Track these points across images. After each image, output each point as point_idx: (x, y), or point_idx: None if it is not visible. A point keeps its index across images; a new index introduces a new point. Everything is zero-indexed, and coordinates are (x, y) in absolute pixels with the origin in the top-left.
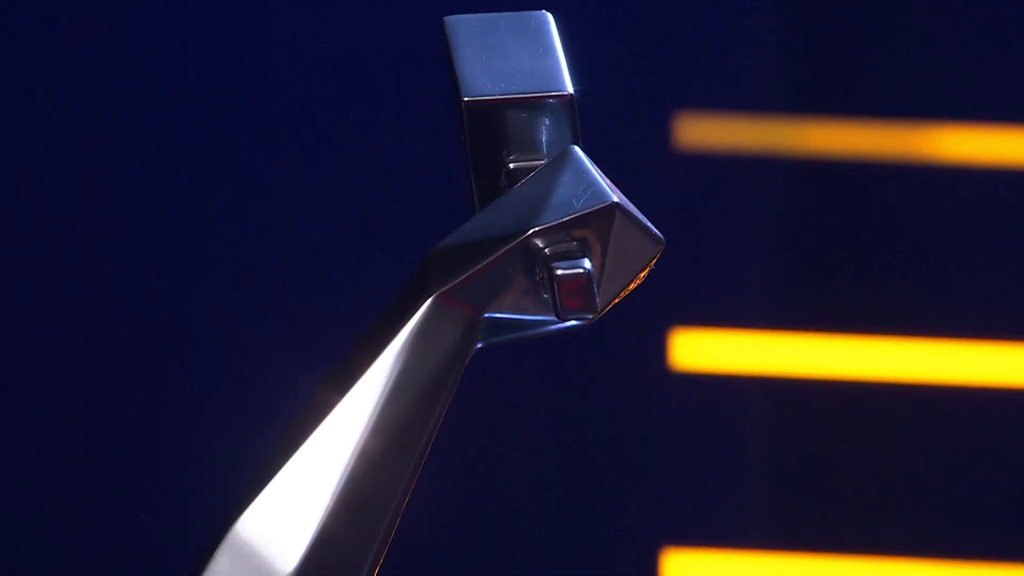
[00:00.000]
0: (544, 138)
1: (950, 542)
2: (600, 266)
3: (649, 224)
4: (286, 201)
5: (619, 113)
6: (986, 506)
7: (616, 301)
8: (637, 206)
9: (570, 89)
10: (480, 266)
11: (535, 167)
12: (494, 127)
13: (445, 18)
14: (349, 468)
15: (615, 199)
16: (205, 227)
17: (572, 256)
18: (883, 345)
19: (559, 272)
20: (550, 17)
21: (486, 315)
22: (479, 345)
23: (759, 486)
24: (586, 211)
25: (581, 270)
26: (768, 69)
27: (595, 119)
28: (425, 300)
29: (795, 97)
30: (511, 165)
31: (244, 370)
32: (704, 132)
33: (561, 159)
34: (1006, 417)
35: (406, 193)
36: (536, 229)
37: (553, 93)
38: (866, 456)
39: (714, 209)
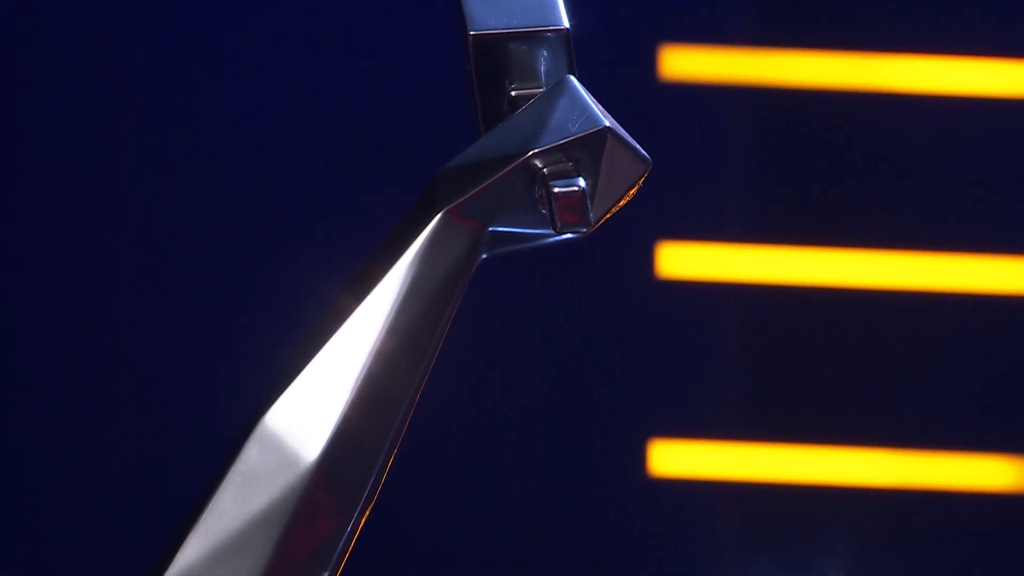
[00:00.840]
0: (543, 68)
1: (917, 433)
2: (593, 184)
3: (638, 146)
4: (295, 128)
5: (609, 46)
6: (951, 399)
7: (608, 216)
8: (626, 130)
9: (567, 24)
10: (484, 184)
11: (535, 94)
12: (497, 58)
13: None
14: (367, 366)
15: (607, 124)
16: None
17: (568, 175)
18: (851, 255)
19: (556, 190)
20: None
21: (490, 229)
22: (483, 256)
23: (736, 382)
24: (581, 135)
25: (576, 188)
26: (747, 4)
27: (588, 51)
28: (435, 215)
29: (773, 31)
30: (513, 93)
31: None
32: (687, 64)
33: (558, 87)
34: (966, 320)
35: (415, 121)
36: (536, 151)
37: (551, 28)
38: (835, 355)
39: (696, 134)
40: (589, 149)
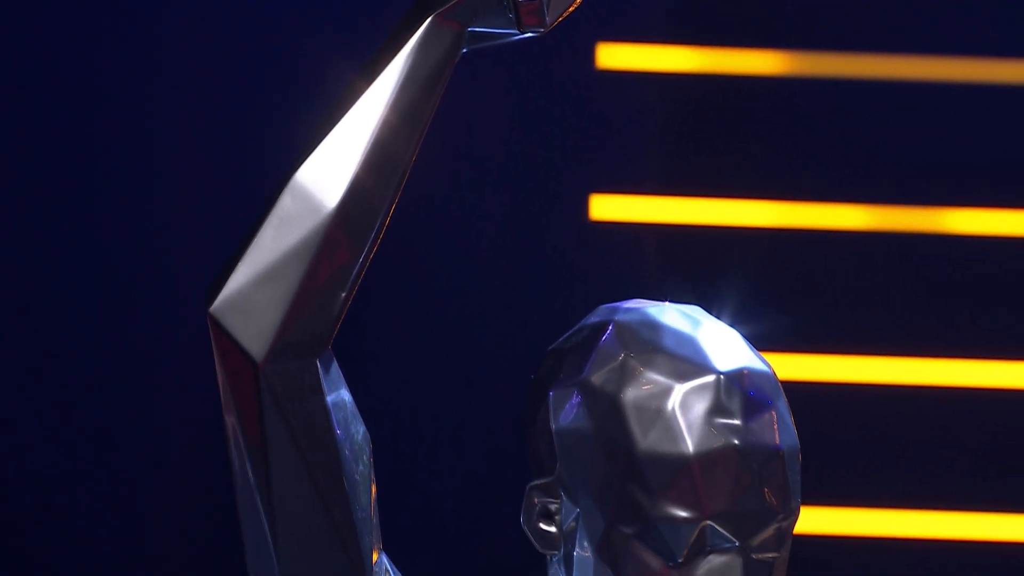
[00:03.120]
0: None
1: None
2: None
3: None
4: None
5: (556, 43)
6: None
7: (561, 19)
8: (570, 108)
9: None
10: None
11: None
12: None
13: None
14: (375, 134)
15: None
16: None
17: None
18: (747, 204)
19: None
20: None
21: (469, 29)
22: (464, 50)
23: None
24: None
25: None
26: (664, 10)
27: (539, 45)
28: (426, 18)
29: (683, 31)
30: None
31: None
32: (618, 56)
33: None
34: (873, 251)
35: None
36: None
37: None
38: (736, 279)
39: (624, 111)
40: None
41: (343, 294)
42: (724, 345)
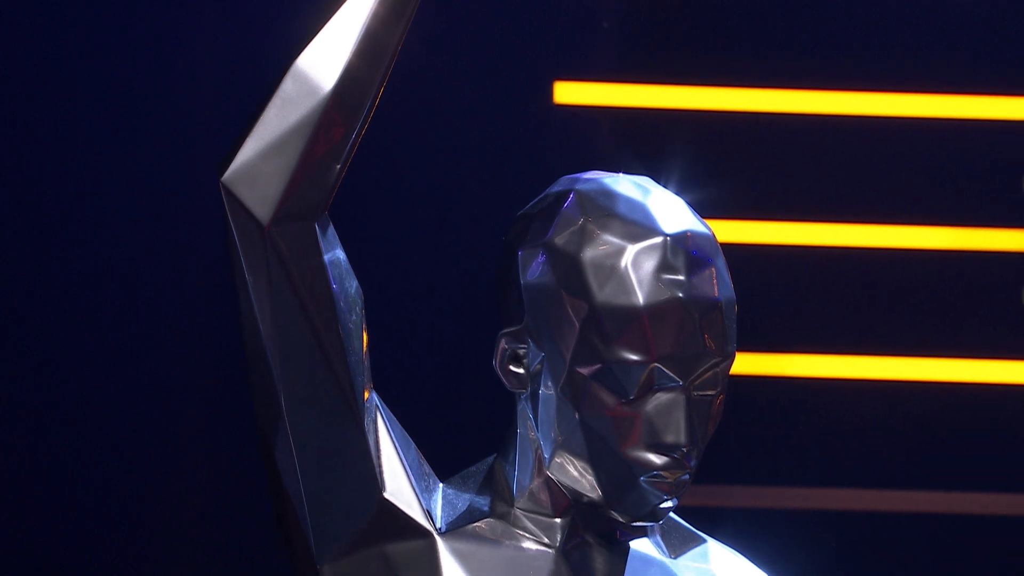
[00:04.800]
0: None
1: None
2: None
3: None
4: None
5: (516, 80)
6: None
7: None
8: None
9: None
10: None
11: None
12: None
13: None
14: (366, 26)
15: None
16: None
17: None
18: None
19: None
20: None
21: None
22: None
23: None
24: None
25: None
26: (615, 52)
27: (504, 81)
28: None
29: (633, 71)
30: None
31: None
32: (572, 93)
33: None
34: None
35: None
36: None
37: None
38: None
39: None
40: None
41: (338, 166)
42: (670, 211)
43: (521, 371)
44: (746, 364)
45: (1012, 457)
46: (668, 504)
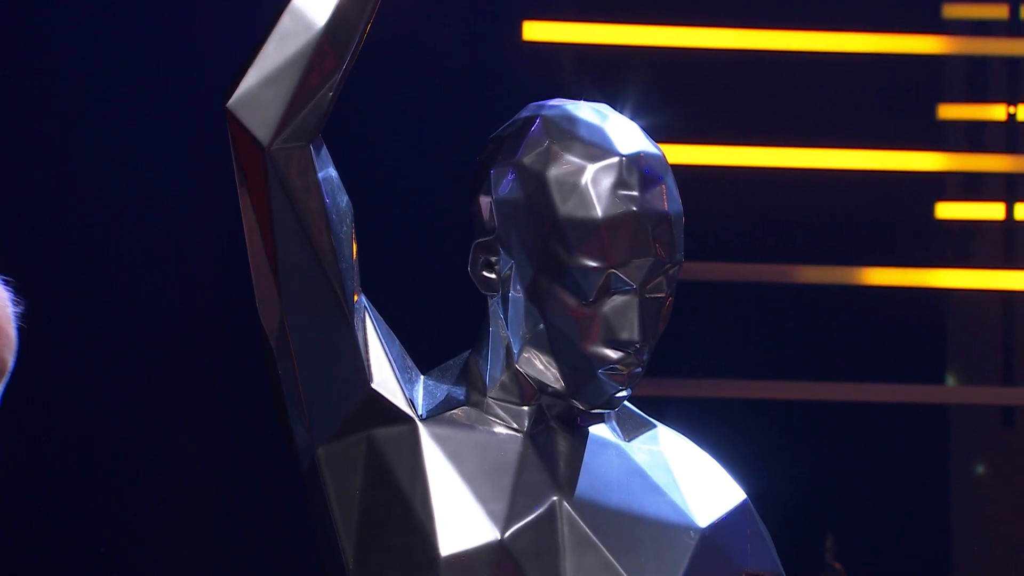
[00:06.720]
0: None
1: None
2: None
3: None
4: None
5: (489, 19)
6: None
7: None
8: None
9: None
10: None
11: None
12: None
13: None
14: None
15: None
16: None
17: None
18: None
19: None
20: None
21: None
22: None
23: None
24: None
25: None
26: None
27: (479, 18)
28: None
29: (596, 12)
30: None
31: None
32: (540, 31)
33: None
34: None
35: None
36: None
37: None
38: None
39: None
40: None
41: (330, 94)
42: (626, 134)
43: (493, 276)
44: (692, 271)
45: (919, 352)
46: (623, 393)
